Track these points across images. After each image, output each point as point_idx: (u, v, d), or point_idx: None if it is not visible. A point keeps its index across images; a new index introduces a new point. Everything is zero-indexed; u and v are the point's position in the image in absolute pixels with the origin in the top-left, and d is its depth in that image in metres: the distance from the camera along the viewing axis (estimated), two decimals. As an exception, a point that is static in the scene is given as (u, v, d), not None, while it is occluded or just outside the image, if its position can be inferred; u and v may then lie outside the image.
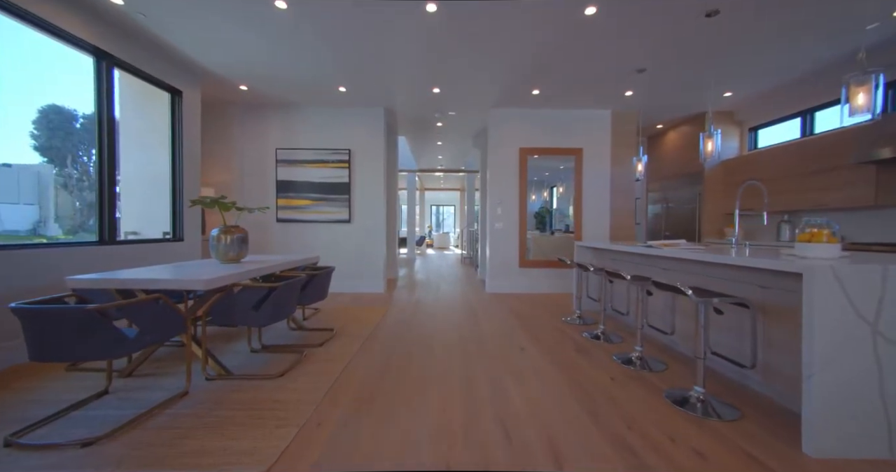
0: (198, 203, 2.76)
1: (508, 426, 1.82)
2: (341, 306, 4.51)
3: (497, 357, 2.80)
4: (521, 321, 3.86)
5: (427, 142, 7.89)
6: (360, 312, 4.21)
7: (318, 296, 3.20)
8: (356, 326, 3.61)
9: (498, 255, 5.56)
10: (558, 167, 6.15)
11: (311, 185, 5.47)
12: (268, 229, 5.49)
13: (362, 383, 2.32)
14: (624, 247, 3.30)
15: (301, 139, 5.48)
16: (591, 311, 4.35)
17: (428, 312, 4.27)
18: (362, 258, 5.53)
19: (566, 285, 5.55)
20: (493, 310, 4.37)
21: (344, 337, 3.24)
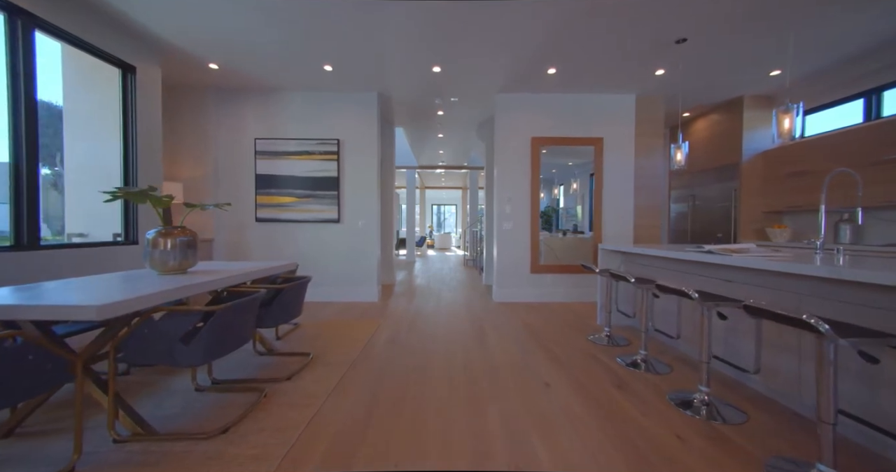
0: (120, 197, 2.12)
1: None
2: (326, 320, 3.87)
3: (514, 397, 2.15)
4: (538, 341, 3.21)
5: (427, 134, 7.24)
6: (347, 327, 3.56)
7: (287, 314, 2.56)
8: (339, 348, 2.97)
9: (506, 259, 4.92)
10: (566, 164, 5.50)
11: (294, 179, 4.83)
12: (245, 231, 4.85)
13: (335, 442, 1.68)
14: (669, 252, 2.65)
15: (283, 128, 4.84)
16: (620, 327, 3.70)
17: (427, 327, 3.63)
18: (353, 263, 4.89)
19: (583, 293, 4.89)
20: (503, 325, 3.72)
21: (321, 365, 2.60)
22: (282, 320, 2.52)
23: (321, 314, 4.12)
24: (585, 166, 5.20)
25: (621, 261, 3.76)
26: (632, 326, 3.69)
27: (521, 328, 3.58)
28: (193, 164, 4.68)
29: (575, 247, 5.13)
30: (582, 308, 4.50)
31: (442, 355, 2.85)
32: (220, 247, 4.80)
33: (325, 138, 4.83)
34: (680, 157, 3.54)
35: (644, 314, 2.68)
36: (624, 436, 1.75)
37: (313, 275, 4.86)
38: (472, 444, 1.68)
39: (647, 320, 2.68)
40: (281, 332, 3.37)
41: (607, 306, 3.25)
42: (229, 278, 2.20)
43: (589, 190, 5.32)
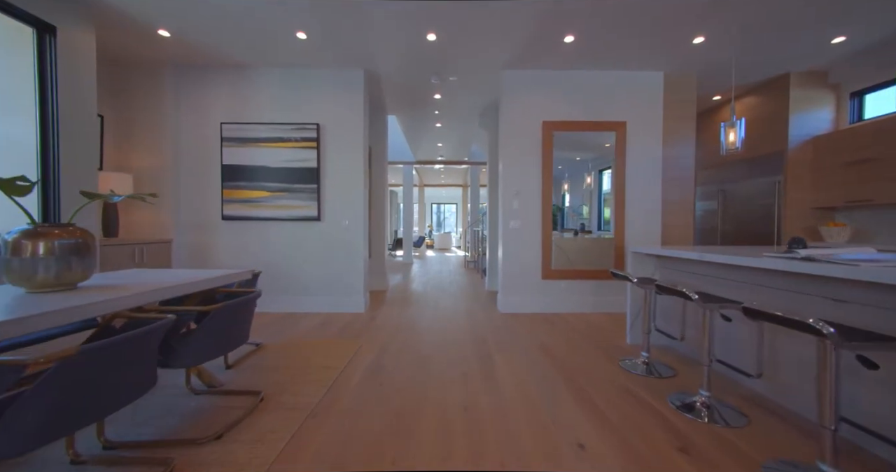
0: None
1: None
2: (297, 338, 3.19)
3: (536, 466, 1.48)
4: (558, 369, 2.53)
5: (423, 124, 6.56)
6: (320, 350, 2.89)
7: (226, 344, 1.89)
8: (303, 382, 2.30)
9: (514, 262, 4.24)
10: (574, 159, 4.82)
11: (267, 171, 4.16)
12: (211, 231, 4.18)
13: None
14: (739, 258, 1.97)
15: (254, 111, 4.16)
16: (655, 347, 3.02)
17: (419, 350, 2.95)
18: (336, 268, 4.22)
19: (602, 302, 4.21)
20: (512, 345, 3.04)
21: (272, 411, 1.92)
22: (221, 350, 1.85)
23: (293, 330, 3.45)
24: (597, 161, 4.51)
25: (655, 266, 3.08)
26: (669, 346, 3.01)
27: (535, 350, 2.90)
28: (147, 152, 4.01)
29: (589, 248, 4.45)
30: (602, 321, 3.82)
31: (436, 392, 2.18)
32: (182, 250, 4.13)
33: (303, 123, 4.15)
34: (733, 137, 2.86)
35: (706, 342, 2.00)
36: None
37: (289, 282, 4.19)
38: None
39: (710, 351, 2.00)
40: (235, 357, 2.69)
41: (645, 325, 2.56)
42: (127, 299, 1.52)
43: (598, 187, 4.65)
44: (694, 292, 1.99)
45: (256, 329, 3.46)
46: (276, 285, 4.20)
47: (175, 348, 1.64)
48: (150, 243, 3.71)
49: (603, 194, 4.66)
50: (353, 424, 1.83)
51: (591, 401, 2.08)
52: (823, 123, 4.16)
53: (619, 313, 4.12)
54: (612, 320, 3.88)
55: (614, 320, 3.84)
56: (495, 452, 1.60)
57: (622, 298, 4.20)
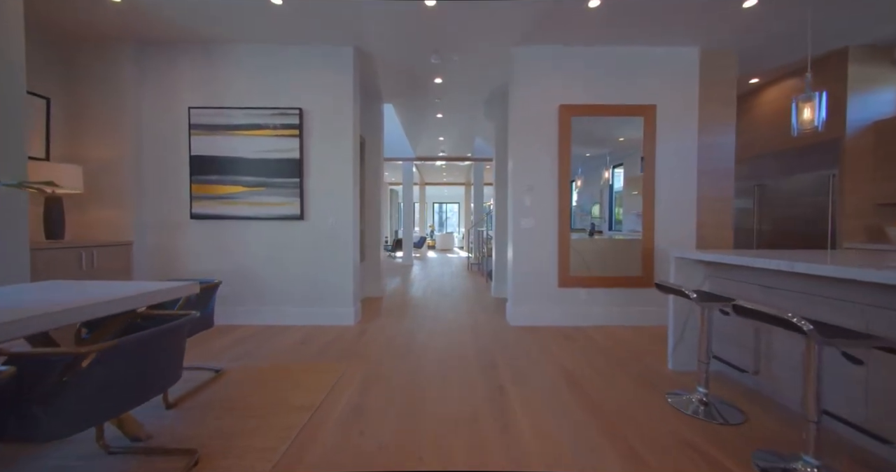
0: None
1: None
2: (269, 361, 2.65)
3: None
4: (592, 410, 1.98)
5: (423, 114, 6.01)
6: (291, 380, 2.34)
7: (136, 394, 1.33)
8: (258, 432, 1.75)
9: (526, 267, 3.68)
10: (584, 155, 4.26)
11: (242, 163, 3.62)
12: (178, 231, 3.64)
13: None
14: (850, 270, 1.40)
15: (227, 94, 3.62)
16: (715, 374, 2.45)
17: (414, 379, 2.40)
18: (322, 274, 3.67)
19: (628, 314, 3.65)
20: (529, 372, 2.49)
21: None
22: (98, 415, 1.28)
23: (266, 350, 2.90)
24: (610, 157, 3.94)
25: (704, 275, 2.52)
26: (722, 373, 2.44)
27: (558, 380, 2.35)
28: (103, 141, 3.47)
29: (607, 251, 3.88)
30: (630, 337, 3.26)
31: (432, 451, 1.63)
32: (144, 254, 3.59)
33: (284, 108, 3.61)
34: (810, 114, 2.29)
35: (812, 388, 1.43)
36: None
37: (268, 291, 3.65)
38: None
39: (817, 403, 1.43)
40: (182, 389, 2.15)
41: (702, 352, 2.00)
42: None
43: (610, 184, 4.08)
44: (803, 320, 1.42)
45: (222, 350, 2.92)
46: (252, 295, 3.66)
47: (36, 412, 1.09)
48: (103, 246, 3.18)
49: (614, 192, 4.10)
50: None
51: (644, 463, 1.52)
52: (887, 106, 3.58)
53: (649, 327, 3.56)
54: (642, 335, 3.32)
55: (644, 336, 3.28)
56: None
57: (651, 309, 3.64)
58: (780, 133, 4.29)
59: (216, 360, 2.67)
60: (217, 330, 3.43)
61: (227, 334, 3.31)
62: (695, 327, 2.50)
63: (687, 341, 2.49)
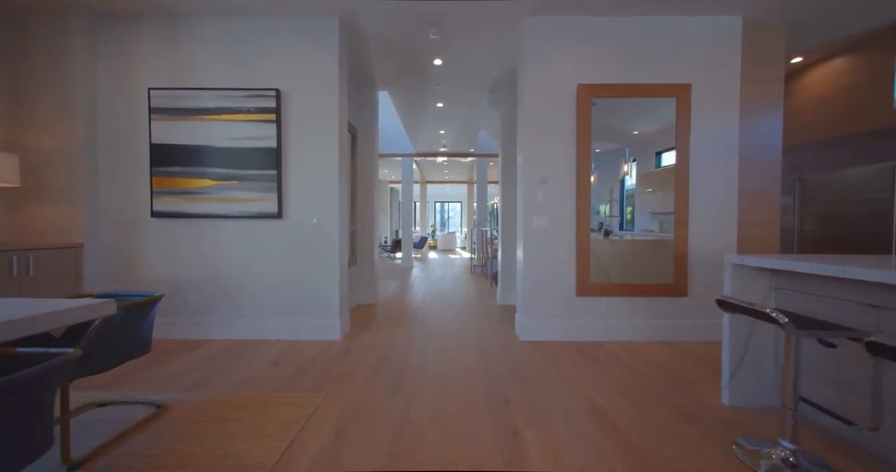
0: None
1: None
2: (225, 394, 2.15)
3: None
4: (637, 465, 1.48)
5: (422, 102, 5.51)
6: (250, 419, 1.85)
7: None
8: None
9: (538, 273, 3.18)
10: (593, 151, 3.76)
11: (211, 152, 3.13)
12: (137, 231, 3.16)
13: None
14: None
15: (193, 73, 3.14)
16: (764, 410, 1.94)
17: (407, 417, 1.91)
18: (303, 281, 3.19)
19: (658, 327, 3.14)
20: (549, 407, 1.99)
21: None
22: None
23: (230, 373, 2.41)
24: (621, 152, 3.44)
25: (769, 287, 2.01)
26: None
27: (585, 419, 1.84)
28: (48, 127, 2.99)
29: (627, 254, 3.39)
30: (664, 356, 2.75)
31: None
32: (97, 258, 3.11)
33: (258, 89, 3.12)
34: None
35: None
36: None
37: (241, 300, 3.17)
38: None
39: None
40: (106, 434, 1.66)
41: (788, 395, 1.49)
42: None
43: (620, 183, 3.58)
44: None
45: (177, 373, 2.43)
46: (223, 305, 3.17)
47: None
48: (42, 250, 2.70)
49: (625, 190, 3.61)
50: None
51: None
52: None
53: (682, 344, 3.05)
54: (677, 354, 2.81)
55: (680, 355, 2.77)
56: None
57: (684, 322, 3.13)
58: (827, 120, 3.78)
59: (164, 388, 2.18)
60: (180, 346, 2.95)
61: (189, 352, 2.82)
62: (759, 352, 1.99)
63: (747, 370, 1.99)
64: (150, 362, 2.59)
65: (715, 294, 3.13)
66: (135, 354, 1.74)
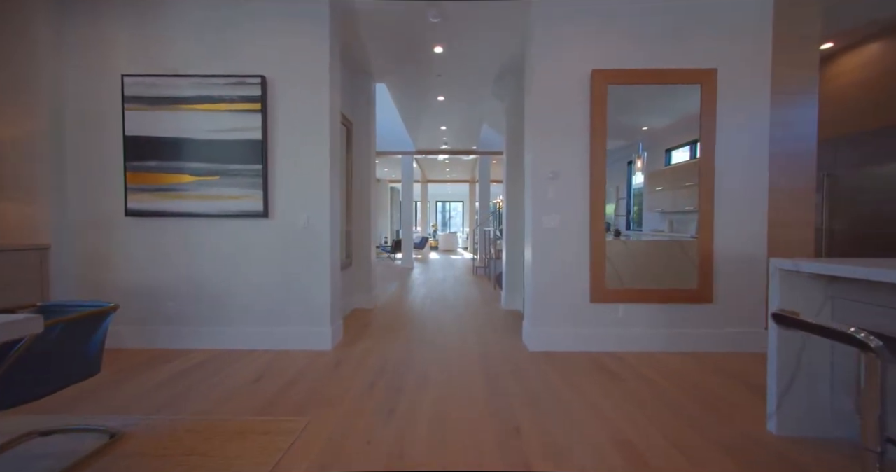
0: None
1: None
2: (190, 421, 1.88)
3: None
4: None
5: (422, 95, 5.24)
6: (215, 456, 1.58)
7: None
8: None
9: (548, 277, 2.90)
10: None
11: (191, 145, 2.86)
12: (110, 232, 2.89)
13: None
14: None
15: (170, 58, 2.87)
16: (832, 439, 1.66)
17: (402, 451, 1.63)
18: (291, 286, 2.92)
19: (679, 337, 2.85)
20: (566, 434, 1.71)
21: None
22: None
23: (205, 391, 2.14)
24: (628, 150, 3.16)
25: (825, 296, 1.72)
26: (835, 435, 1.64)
27: (612, 456, 1.56)
28: (11, 117, 2.73)
29: (639, 255, 3.10)
30: (690, 369, 2.47)
31: None
32: (66, 262, 2.85)
33: (241, 75, 2.85)
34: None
35: None
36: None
37: (223, 306, 2.91)
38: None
39: None
40: (52, 468, 1.39)
41: (871, 435, 1.20)
42: None
43: (627, 181, 3.30)
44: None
45: (145, 391, 2.16)
46: (204, 312, 2.91)
47: None
48: (2, 251, 2.43)
49: (632, 189, 3.34)
50: None
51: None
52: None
53: (709, 355, 2.77)
54: (704, 367, 2.53)
55: (709, 369, 2.49)
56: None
57: (709, 331, 2.85)
58: (858, 112, 3.49)
59: (127, 410, 1.91)
60: (155, 358, 2.68)
61: (164, 365, 2.55)
62: (811, 373, 1.71)
63: (798, 394, 1.70)
64: (117, 378, 2.32)
65: (742, 300, 2.85)
66: (76, 378, 1.47)
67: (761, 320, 2.84)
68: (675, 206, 3.17)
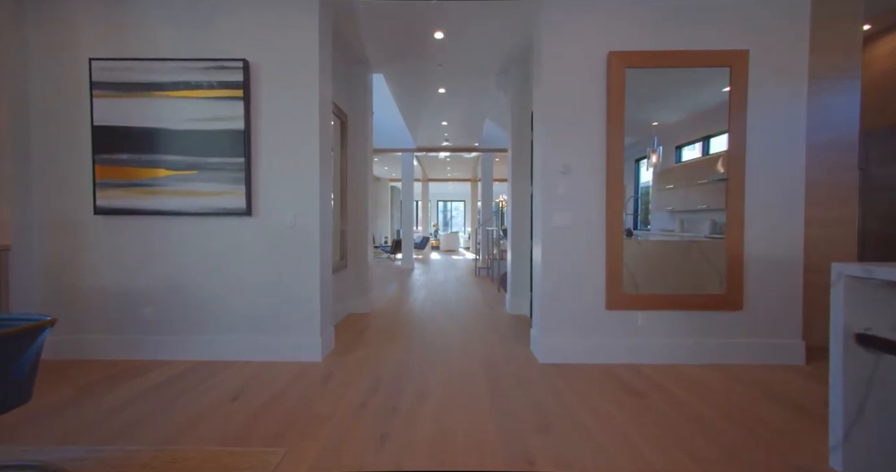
0: None
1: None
2: (147, 453, 1.62)
3: None
4: None
5: (422, 86, 4.97)
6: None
7: None
8: None
9: (560, 282, 2.63)
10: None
11: (166, 136, 2.60)
12: (77, 232, 2.63)
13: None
14: None
15: (142, 40, 2.61)
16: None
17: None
18: (277, 291, 2.65)
19: (704, 348, 2.58)
20: (588, 468, 1.44)
21: None
22: None
23: (173, 411, 1.88)
24: (635, 148, 2.90)
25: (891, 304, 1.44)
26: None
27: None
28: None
29: (652, 256, 2.84)
30: (718, 384, 2.20)
31: None
32: (27, 264, 2.59)
33: (221, 59, 2.59)
34: None
35: None
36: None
37: (203, 313, 2.65)
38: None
39: None
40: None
41: None
42: None
43: (635, 179, 3.04)
44: None
45: (107, 412, 1.90)
46: (181, 319, 2.65)
47: None
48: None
49: (640, 188, 3.10)
50: None
51: None
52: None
53: (740, 368, 2.49)
54: (738, 383, 2.25)
55: (742, 385, 2.21)
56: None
57: (739, 342, 2.57)
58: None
59: (75, 438, 1.65)
60: (125, 371, 2.42)
61: (134, 379, 2.29)
62: (885, 401, 1.43)
63: (869, 424, 1.43)
64: (75, 397, 2.06)
65: (775, 308, 2.57)
66: (11, 404, 1.21)
67: (797, 330, 2.56)
68: (686, 205, 2.97)
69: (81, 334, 2.63)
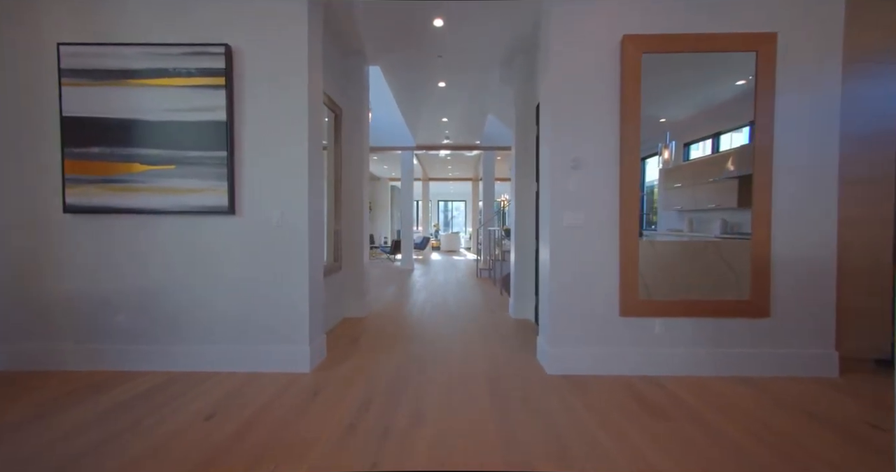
0: None
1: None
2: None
3: None
4: None
5: (421, 80, 4.76)
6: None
7: None
8: None
9: (570, 285, 2.41)
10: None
11: (142, 128, 2.39)
12: (44, 233, 2.43)
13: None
14: None
15: (117, 24, 2.40)
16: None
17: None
18: (263, 296, 2.44)
19: (726, 358, 2.36)
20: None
21: None
22: None
23: (140, 433, 1.67)
24: (654, 141, 2.69)
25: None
26: None
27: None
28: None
29: (665, 257, 2.61)
30: (746, 400, 1.98)
31: None
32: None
33: (201, 44, 2.38)
34: None
35: None
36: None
37: (182, 321, 2.43)
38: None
39: None
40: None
41: None
42: None
43: (641, 177, 2.80)
44: None
45: (54, 440, 1.69)
46: (158, 326, 2.44)
47: None
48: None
49: (645, 186, 2.89)
50: None
51: None
52: None
53: (770, 380, 2.27)
54: (769, 399, 2.03)
55: (775, 402, 1.99)
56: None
57: (766, 352, 2.35)
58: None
59: (32, 462, 1.44)
60: (95, 384, 2.21)
61: (100, 395, 2.08)
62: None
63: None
64: (25, 417, 1.85)
65: (807, 315, 2.34)
66: None
67: (829, 339, 2.34)
68: (695, 204, 2.78)
69: (50, 342, 2.42)
